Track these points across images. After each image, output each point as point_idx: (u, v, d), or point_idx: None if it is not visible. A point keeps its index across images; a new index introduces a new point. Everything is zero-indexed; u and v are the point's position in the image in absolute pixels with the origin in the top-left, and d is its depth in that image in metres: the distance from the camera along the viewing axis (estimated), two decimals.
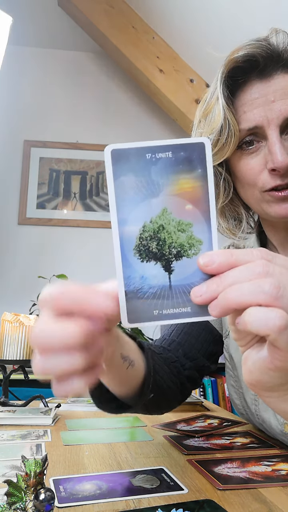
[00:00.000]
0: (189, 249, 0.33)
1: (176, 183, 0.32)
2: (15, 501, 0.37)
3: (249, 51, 0.61)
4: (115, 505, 0.46)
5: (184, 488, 0.50)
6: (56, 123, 2.96)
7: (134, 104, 3.04)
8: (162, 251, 0.33)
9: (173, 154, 0.32)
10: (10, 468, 0.57)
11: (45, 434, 0.76)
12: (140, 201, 0.32)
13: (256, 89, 0.62)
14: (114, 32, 2.50)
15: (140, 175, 0.32)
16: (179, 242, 0.33)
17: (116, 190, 0.31)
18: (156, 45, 2.53)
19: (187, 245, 0.33)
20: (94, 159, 2.94)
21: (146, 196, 0.32)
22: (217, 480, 0.54)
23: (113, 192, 0.31)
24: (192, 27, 2.30)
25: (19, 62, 2.96)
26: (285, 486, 0.53)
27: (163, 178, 0.32)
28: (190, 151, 0.32)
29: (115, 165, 0.32)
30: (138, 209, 0.32)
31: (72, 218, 2.86)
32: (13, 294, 2.67)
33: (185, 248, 0.33)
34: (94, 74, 3.05)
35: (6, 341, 0.99)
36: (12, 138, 2.89)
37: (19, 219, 2.81)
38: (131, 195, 0.32)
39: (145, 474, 0.55)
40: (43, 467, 0.39)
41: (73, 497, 0.47)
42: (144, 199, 0.32)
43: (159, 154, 0.32)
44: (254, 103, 0.61)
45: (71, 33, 2.84)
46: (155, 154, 0.32)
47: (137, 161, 0.32)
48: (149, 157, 0.32)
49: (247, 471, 0.58)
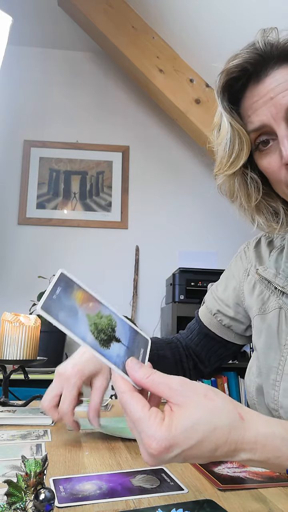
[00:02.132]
0: (111, 322, 0.48)
1: (76, 299, 0.48)
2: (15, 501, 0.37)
3: (236, 62, 0.64)
4: (115, 505, 0.46)
5: (184, 488, 0.50)
6: (56, 123, 2.96)
7: (134, 104, 3.04)
8: (107, 335, 0.47)
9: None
10: (10, 468, 0.57)
11: (45, 434, 0.76)
12: (76, 321, 0.45)
13: (254, 92, 0.64)
14: (114, 32, 2.50)
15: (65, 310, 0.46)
16: (106, 323, 0.48)
17: (63, 325, 0.44)
18: (156, 45, 2.53)
19: (109, 321, 0.48)
20: (94, 159, 2.94)
21: (75, 317, 0.46)
22: (217, 480, 0.54)
23: (63, 328, 0.44)
24: (192, 27, 2.30)
25: (19, 62, 2.96)
26: (285, 486, 0.53)
27: (71, 301, 0.47)
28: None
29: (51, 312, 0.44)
30: (80, 325, 0.45)
31: (72, 218, 2.86)
32: (13, 294, 2.67)
33: (111, 324, 0.48)
34: (94, 74, 3.06)
35: (6, 341, 0.99)
36: (12, 138, 2.89)
37: (19, 219, 2.81)
38: (71, 322, 0.45)
39: (145, 474, 0.55)
40: (43, 467, 0.39)
41: (73, 497, 0.47)
42: (76, 319, 0.45)
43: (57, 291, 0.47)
44: (255, 105, 0.64)
45: (71, 33, 2.84)
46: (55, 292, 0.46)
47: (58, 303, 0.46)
48: (56, 297, 0.45)
49: (247, 471, 0.58)
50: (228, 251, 0.97)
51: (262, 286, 0.78)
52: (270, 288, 0.76)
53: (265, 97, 0.62)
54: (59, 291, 0.46)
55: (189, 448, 0.41)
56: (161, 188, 2.99)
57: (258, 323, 0.77)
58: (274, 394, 0.70)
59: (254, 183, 0.70)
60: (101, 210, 2.89)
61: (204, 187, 2.97)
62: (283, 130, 0.61)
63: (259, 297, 0.78)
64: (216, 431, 0.41)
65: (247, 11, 1.93)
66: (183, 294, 2.45)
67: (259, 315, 0.77)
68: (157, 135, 3.05)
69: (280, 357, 0.70)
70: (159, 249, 2.90)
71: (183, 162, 3.03)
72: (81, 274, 2.87)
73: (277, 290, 0.74)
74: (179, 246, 2.90)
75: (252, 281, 0.81)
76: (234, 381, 2.49)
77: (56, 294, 0.45)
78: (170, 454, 0.41)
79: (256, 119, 0.64)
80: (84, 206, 2.90)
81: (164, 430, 0.40)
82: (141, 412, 0.42)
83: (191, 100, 2.52)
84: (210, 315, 0.87)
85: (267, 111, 0.62)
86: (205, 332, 0.88)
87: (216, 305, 0.87)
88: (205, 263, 2.79)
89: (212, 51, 2.27)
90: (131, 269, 2.84)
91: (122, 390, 0.43)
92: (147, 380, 0.43)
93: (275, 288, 0.75)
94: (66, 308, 0.45)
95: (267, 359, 0.73)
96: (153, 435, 0.40)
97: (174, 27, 2.41)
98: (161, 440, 0.40)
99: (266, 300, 0.76)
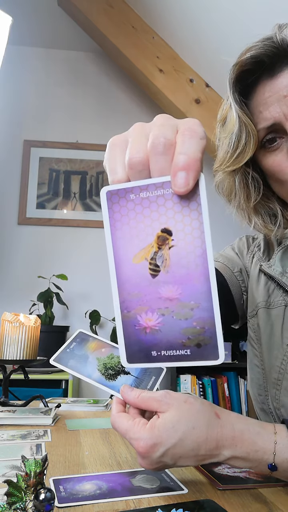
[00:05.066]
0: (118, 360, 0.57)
1: (88, 348, 0.59)
2: (15, 501, 0.37)
3: (253, 53, 0.62)
4: (115, 505, 0.46)
5: (184, 488, 0.50)
6: (56, 123, 2.96)
7: (134, 104, 3.04)
8: (115, 370, 0.55)
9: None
10: (10, 468, 0.57)
11: (45, 434, 0.76)
12: (84, 365, 0.56)
13: (268, 87, 0.62)
14: (114, 32, 2.50)
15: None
16: (116, 361, 0.57)
17: (71, 369, 0.56)
18: (156, 45, 2.53)
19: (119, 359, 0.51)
20: (94, 159, 2.94)
21: (84, 362, 0.57)
22: (217, 480, 0.54)
23: (71, 371, 0.56)
24: (192, 27, 2.30)
25: (19, 62, 2.96)
26: (285, 486, 0.53)
27: (82, 351, 0.59)
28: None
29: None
30: (87, 367, 0.55)
31: (72, 218, 2.86)
32: (13, 294, 2.67)
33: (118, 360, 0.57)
34: (94, 74, 3.05)
35: (6, 341, 0.99)
36: (12, 138, 2.89)
37: (19, 219, 2.81)
38: (79, 366, 0.57)
39: (145, 474, 0.55)
40: (43, 467, 0.39)
41: (73, 497, 0.47)
42: (85, 363, 0.56)
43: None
44: (267, 101, 0.62)
45: (71, 33, 2.84)
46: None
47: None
48: (69, 350, 0.60)
49: (247, 471, 0.58)
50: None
51: (266, 276, 0.76)
52: (274, 282, 0.75)
53: (278, 93, 0.61)
54: (73, 346, 0.57)
55: (172, 447, 0.46)
56: None
57: (264, 316, 0.75)
58: (276, 393, 0.70)
59: (255, 183, 0.69)
60: (101, 210, 2.88)
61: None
62: None
63: (265, 287, 0.75)
64: (195, 430, 0.47)
65: (247, 10, 1.93)
66: None
67: (265, 308, 0.75)
68: None
69: (282, 356, 0.70)
70: None
71: None
72: (81, 274, 2.87)
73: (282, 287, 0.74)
74: None
75: (257, 266, 0.78)
76: (234, 381, 2.49)
77: (70, 348, 0.56)
78: (157, 453, 0.46)
79: (268, 116, 0.62)
80: (84, 206, 2.89)
81: (147, 431, 0.46)
82: (127, 423, 0.48)
83: (191, 100, 2.52)
84: (231, 272, 0.80)
85: (279, 108, 0.61)
86: (221, 284, 0.78)
87: (237, 264, 0.80)
88: None
89: (212, 51, 2.27)
90: None
91: (112, 414, 0.50)
92: (138, 399, 0.49)
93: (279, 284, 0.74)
94: (77, 356, 0.56)
95: (269, 357, 0.72)
96: (139, 436, 0.46)
97: (174, 27, 2.41)
98: (146, 439, 0.46)
99: (271, 293, 0.74)
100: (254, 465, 0.49)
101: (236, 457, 0.48)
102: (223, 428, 0.48)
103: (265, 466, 0.49)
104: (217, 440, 0.47)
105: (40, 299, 2.50)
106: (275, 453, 0.48)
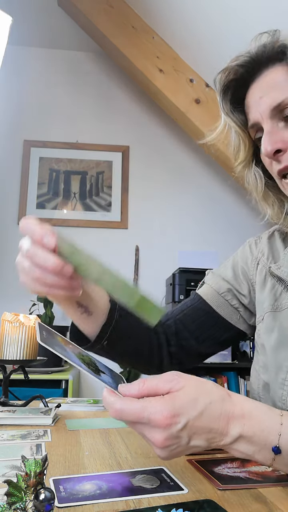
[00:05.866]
0: (92, 359, 0.58)
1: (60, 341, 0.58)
2: (15, 501, 0.37)
3: (231, 69, 0.71)
4: (115, 505, 0.46)
5: (184, 488, 0.50)
6: (56, 123, 2.96)
7: (134, 104, 3.04)
8: (94, 367, 0.55)
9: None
10: (10, 468, 0.57)
11: (45, 434, 0.76)
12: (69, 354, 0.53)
13: (251, 90, 0.71)
14: (114, 32, 2.50)
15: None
16: (88, 359, 0.57)
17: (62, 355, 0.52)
18: (156, 45, 2.53)
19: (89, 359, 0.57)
20: (94, 159, 2.94)
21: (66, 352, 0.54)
22: (217, 480, 0.54)
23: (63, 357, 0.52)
24: (192, 27, 2.30)
25: (19, 62, 2.96)
26: (285, 486, 0.53)
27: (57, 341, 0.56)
28: None
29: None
30: (72, 357, 0.53)
31: (72, 218, 2.86)
32: (13, 294, 2.67)
33: (92, 360, 0.57)
34: (94, 74, 3.05)
35: (6, 341, 0.99)
36: (12, 138, 2.89)
37: (19, 219, 2.81)
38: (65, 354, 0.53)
39: (145, 474, 0.55)
40: (43, 467, 0.39)
41: (73, 497, 0.47)
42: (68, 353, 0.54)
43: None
44: (250, 104, 0.71)
45: (71, 33, 2.84)
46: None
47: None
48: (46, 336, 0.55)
49: (247, 471, 0.58)
50: (228, 251, 0.96)
51: (273, 280, 0.76)
52: (283, 284, 0.75)
53: (256, 96, 0.69)
54: (45, 335, 0.55)
55: (193, 419, 0.46)
56: (161, 188, 2.99)
57: (270, 320, 0.75)
58: (282, 393, 0.70)
59: (258, 175, 0.76)
60: (101, 210, 2.89)
61: (204, 187, 2.97)
62: (266, 128, 0.67)
63: (271, 292, 0.76)
64: (212, 405, 0.48)
65: (247, 10, 1.93)
66: (183, 294, 2.44)
67: (272, 312, 0.75)
68: (157, 135, 3.05)
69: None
70: (159, 249, 2.90)
71: (183, 162, 3.03)
72: None
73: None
74: (179, 246, 2.90)
75: (263, 272, 0.79)
76: (234, 381, 2.48)
77: (44, 336, 0.54)
78: (178, 425, 0.46)
79: (251, 117, 0.71)
80: (84, 206, 2.89)
81: (168, 401, 0.46)
82: (139, 403, 0.46)
83: (191, 100, 2.52)
84: (217, 294, 0.83)
85: (256, 109, 0.68)
86: (206, 311, 0.82)
87: (225, 284, 0.83)
88: (205, 263, 2.78)
89: (212, 51, 2.27)
90: (131, 269, 2.84)
91: (111, 401, 0.47)
92: (144, 388, 0.48)
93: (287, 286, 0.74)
94: (58, 345, 0.54)
95: (277, 358, 0.72)
96: (160, 409, 0.45)
97: (174, 27, 2.41)
98: (168, 409, 0.45)
99: (279, 296, 0.75)
100: (257, 449, 0.49)
101: (243, 436, 0.48)
102: (234, 406, 0.49)
103: (268, 450, 0.49)
104: (229, 416, 0.49)
105: (40, 299, 2.50)
106: (280, 433, 0.49)
